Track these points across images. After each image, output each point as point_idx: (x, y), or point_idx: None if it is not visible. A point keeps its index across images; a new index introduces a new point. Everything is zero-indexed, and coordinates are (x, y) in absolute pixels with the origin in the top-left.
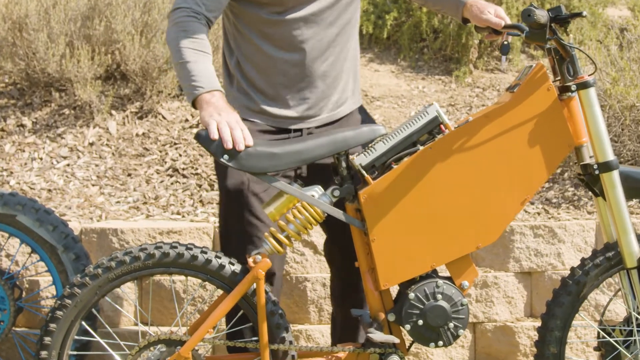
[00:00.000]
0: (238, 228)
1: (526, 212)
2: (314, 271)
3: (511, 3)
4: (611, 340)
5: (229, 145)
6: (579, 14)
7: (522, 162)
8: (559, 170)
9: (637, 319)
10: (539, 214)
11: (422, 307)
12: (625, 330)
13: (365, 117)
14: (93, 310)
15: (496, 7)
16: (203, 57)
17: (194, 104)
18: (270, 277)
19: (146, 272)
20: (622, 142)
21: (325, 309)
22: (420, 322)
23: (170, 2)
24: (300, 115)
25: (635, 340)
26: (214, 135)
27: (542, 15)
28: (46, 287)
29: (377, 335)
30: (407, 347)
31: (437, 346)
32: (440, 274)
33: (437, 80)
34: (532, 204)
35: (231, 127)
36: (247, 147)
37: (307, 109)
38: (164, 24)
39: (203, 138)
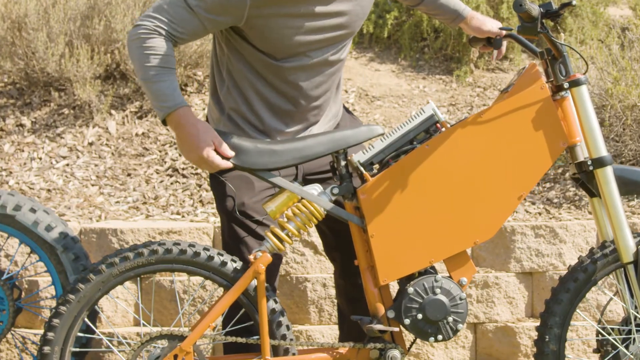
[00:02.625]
0: (238, 233)
1: (527, 212)
2: (314, 271)
3: (510, 1)
4: (610, 338)
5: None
6: (569, 3)
7: (517, 159)
8: (560, 170)
9: (635, 317)
10: (540, 214)
11: (421, 301)
12: (624, 329)
13: (351, 115)
14: (96, 307)
15: (494, 21)
16: (168, 75)
17: (163, 122)
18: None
19: (149, 269)
20: (624, 142)
21: (325, 310)
22: (420, 316)
23: None
24: (287, 133)
25: (634, 338)
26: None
27: (533, 8)
28: (45, 287)
29: (377, 326)
30: (407, 348)
31: (436, 340)
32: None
33: (438, 80)
34: (534, 204)
35: (209, 156)
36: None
37: (296, 132)
38: None
39: None
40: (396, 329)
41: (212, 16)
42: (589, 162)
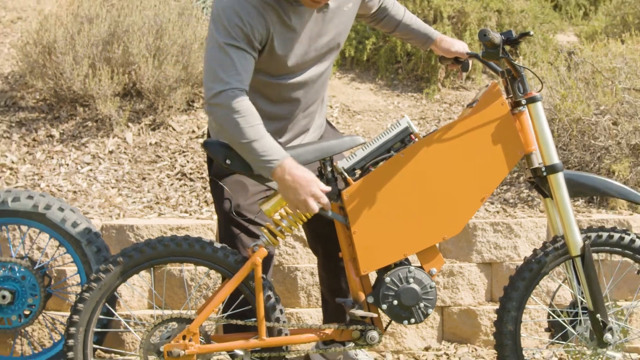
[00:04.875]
0: (233, 230)
1: (487, 210)
2: (303, 262)
3: (474, 31)
4: (560, 320)
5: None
6: (527, 34)
7: (480, 166)
8: (515, 175)
9: (581, 302)
10: (498, 212)
11: (396, 289)
12: (571, 312)
13: (332, 128)
14: (115, 293)
15: (460, 42)
16: (261, 130)
17: (267, 175)
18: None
19: (161, 260)
20: (570, 151)
21: (313, 295)
22: (395, 302)
23: (179, 28)
24: (282, 144)
25: (580, 320)
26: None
27: (495, 37)
28: (72, 275)
29: (359, 311)
30: (384, 327)
31: (409, 323)
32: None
33: (410, 97)
34: (492, 203)
35: (310, 195)
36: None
37: (288, 141)
38: (174, 48)
39: (208, 145)
40: (375, 315)
41: (252, 51)
42: (543, 168)
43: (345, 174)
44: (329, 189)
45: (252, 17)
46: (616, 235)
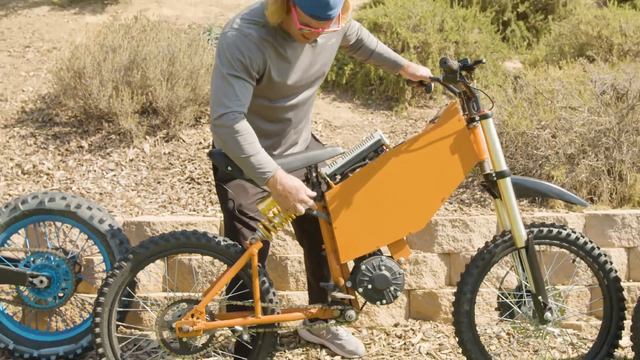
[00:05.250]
0: (236, 226)
1: (446, 209)
2: (292, 253)
3: (435, 59)
4: (508, 301)
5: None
6: (480, 61)
7: (441, 171)
8: (470, 179)
9: (525, 286)
10: (455, 211)
11: (370, 275)
12: (517, 294)
13: (317, 140)
14: (135, 278)
15: (424, 67)
16: (257, 146)
17: (261, 184)
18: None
19: (173, 251)
20: (516, 159)
21: (300, 280)
22: (370, 286)
23: (188, 56)
24: (275, 155)
25: (524, 301)
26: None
27: (454, 64)
28: (98, 264)
29: (339, 293)
30: (360, 307)
31: (382, 304)
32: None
33: (382, 114)
34: (451, 203)
35: (298, 201)
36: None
37: (280, 153)
38: (184, 73)
39: (213, 154)
40: (352, 297)
41: (251, 80)
42: (494, 174)
43: (328, 179)
44: (314, 194)
45: (252, 52)
46: (555, 230)
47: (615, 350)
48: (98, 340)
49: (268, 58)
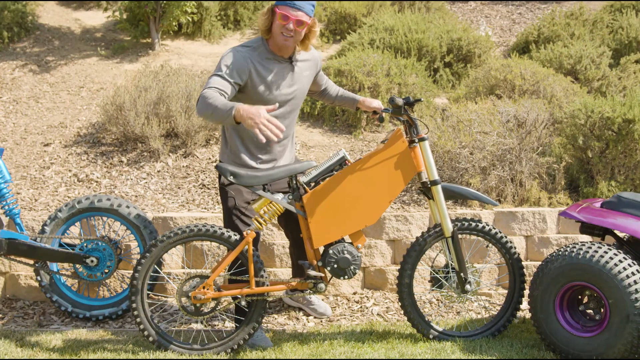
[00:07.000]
0: (234, 220)
1: (392, 208)
2: (278, 239)
3: (384, 97)
4: (438, 276)
5: (273, 138)
6: (419, 100)
7: (389, 180)
8: (410, 186)
9: (451, 264)
10: (399, 209)
11: (336, 257)
12: (445, 271)
13: (296, 158)
14: (161, 259)
15: (377, 100)
16: (219, 100)
17: (235, 121)
18: (255, 244)
19: (189, 239)
20: (443, 170)
21: (284, 260)
22: (336, 265)
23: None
24: (264, 165)
25: (450, 276)
26: (262, 139)
27: (399, 101)
28: (134, 248)
29: (312, 272)
30: (328, 281)
31: (344, 279)
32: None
33: (344, 137)
34: (395, 203)
35: (265, 125)
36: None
37: (269, 158)
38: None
39: (218, 167)
40: (322, 274)
41: (232, 80)
42: (428, 182)
43: (304, 186)
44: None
45: (239, 62)
46: (473, 223)
47: (517, 312)
48: (134, 304)
49: (253, 70)
